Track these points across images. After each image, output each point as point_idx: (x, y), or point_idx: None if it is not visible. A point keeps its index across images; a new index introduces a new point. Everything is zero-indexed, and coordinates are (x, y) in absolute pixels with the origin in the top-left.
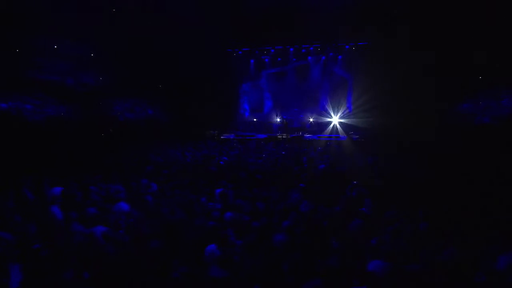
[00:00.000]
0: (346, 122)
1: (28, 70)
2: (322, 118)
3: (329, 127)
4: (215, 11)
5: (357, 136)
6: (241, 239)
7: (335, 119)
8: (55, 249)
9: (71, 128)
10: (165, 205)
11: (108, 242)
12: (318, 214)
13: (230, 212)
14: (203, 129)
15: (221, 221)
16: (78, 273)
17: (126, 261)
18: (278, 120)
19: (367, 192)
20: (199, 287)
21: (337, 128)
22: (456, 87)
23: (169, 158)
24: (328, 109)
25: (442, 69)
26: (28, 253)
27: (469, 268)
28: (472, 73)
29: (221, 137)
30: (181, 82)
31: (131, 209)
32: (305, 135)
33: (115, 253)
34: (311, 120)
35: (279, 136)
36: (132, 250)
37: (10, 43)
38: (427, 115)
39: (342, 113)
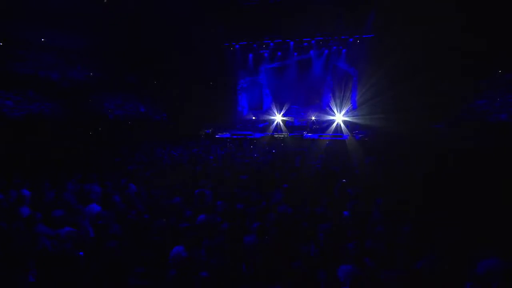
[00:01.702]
0: (350, 120)
1: (9, 64)
2: (325, 116)
3: (331, 126)
4: (211, 4)
5: (361, 135)
6: (210, 241)
7: (339, 117)
8: (12, 250)
9: (56, 126)
10: (139, 206)
11: (72, 244)
12: (296, 216)
13: (203, 214)
14: (198, 128)
15: (194, 223)
16: (36, 276)
17: (87, 263)
18: (278, 118)
19: (354, 193)
20: None
21: (340, 127)
22: (471, 82)
23: (155, 157)
24: (331, 106)
25: (455, 63)
26: None
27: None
28: (489, 67)
29: (216, 136)
30: (175, 79)
31: (102, 211)
32: (305, 134)
33: (77, 256)
34: (313, 118)
35: (277, 135)
36: (95, 252)
37: None
38: (437, 112)
39: (346, 110)
